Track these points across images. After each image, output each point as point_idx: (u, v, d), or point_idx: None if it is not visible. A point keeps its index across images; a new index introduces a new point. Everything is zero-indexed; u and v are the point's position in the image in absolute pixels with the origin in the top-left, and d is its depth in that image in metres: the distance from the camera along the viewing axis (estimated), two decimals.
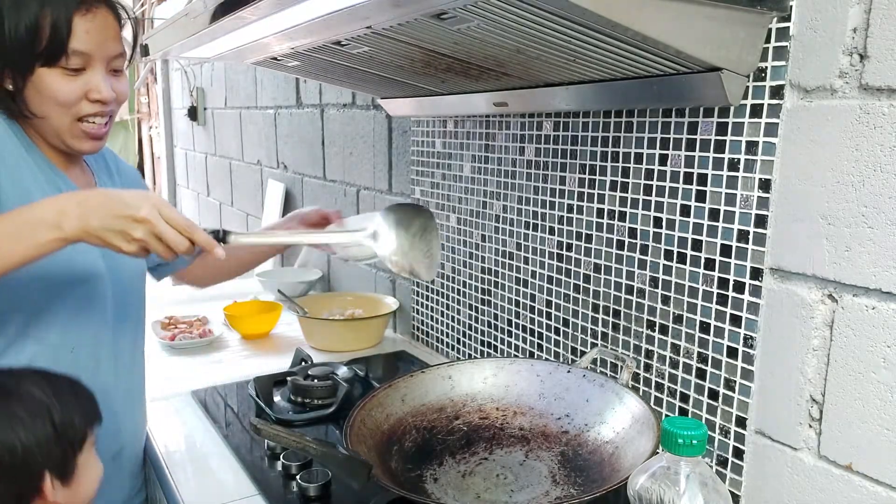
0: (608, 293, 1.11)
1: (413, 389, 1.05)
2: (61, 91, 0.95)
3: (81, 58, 0.95)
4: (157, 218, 0.83)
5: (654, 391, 1.05)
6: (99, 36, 0.96)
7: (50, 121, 0.97)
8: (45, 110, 0.97)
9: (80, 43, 0.94)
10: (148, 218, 0.82)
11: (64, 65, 0.94)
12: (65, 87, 0.95)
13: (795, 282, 0.84)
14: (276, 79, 2.36)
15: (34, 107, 0.96)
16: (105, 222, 0.82)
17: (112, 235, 0.83)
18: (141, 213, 0.82)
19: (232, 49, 1.17)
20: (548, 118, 1.20)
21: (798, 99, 0.82)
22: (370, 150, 1.82)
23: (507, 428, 1.05)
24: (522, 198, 1.28)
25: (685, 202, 0.96)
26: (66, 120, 0.97)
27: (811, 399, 0.84)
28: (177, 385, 1.42)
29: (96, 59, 0.97)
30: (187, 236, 0.85)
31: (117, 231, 0.83)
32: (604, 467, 0.91)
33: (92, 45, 0.95)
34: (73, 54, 0.94)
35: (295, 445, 0.83)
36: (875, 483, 0.78)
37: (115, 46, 0.99)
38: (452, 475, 0.96)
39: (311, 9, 0.83)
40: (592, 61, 0.87)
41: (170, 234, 0.84)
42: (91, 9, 0.95)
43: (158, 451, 1.16)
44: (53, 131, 0.99)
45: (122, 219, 0.82)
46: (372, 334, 1.68)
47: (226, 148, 3.01)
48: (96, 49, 0.96)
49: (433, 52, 0.96)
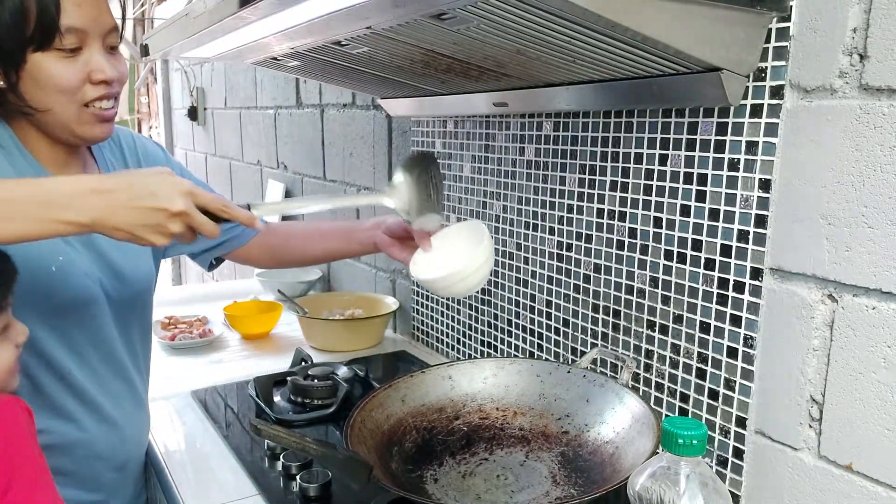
0: (608, 293, 1.11)
1: (413, 390, 1.05)
2: (62, 76, 0.88)
3: (76, 35, 0.88)
4: (193, 209, 0.79)
5: (654, 391, 1.05)
6: (92, 9, 0.89)
7: (54, 112, 0.90)
8: (47, 101, 0.89)
9: (73, 18, 0.87)
10: (185, 210, 0.78)
11: (59, 45, 0.87)
12: (64, 70, 0.88)
13: (795, 282, 0.84)
14: (276, 79, 2.36)
15: (35, 100, 0.89)
16: (136, 218, 0.76)
17: (145, 231, 0.77)
18: (176, 207, 0.77)
19: (232, 49, 1.17)
20: (548, 118, 1.20)
21: (798, 99, 0.82)
22: (370, 151, 1.82)
23: (507, 428, 1.05)
24: (522, 198, 1.28)
25: (685, 202, 0.96)
26: (72, 108, 0.91)
27: (811, 399, 0.84)
28: (177, 385, 1.42)
29: (92, 36, 0.89)
30: (225, 217, 0.82)
31: (152, 226, 0.77)
32: (604, 467, 0.91)
33: (86, 20, 0.88)
34: (67, 32, 0.87)
35: (295, 446, 0.83)
36: (875, 483, 0.78)
37: (109, 19, 0.92)
38: (453, 476, 0.96)
39: (311, 9, 0.83)
40: (592, 61, 0.86)
41: (206, 225, 0.80)
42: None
43: (158, 452, 1.16)
44: (60, 123, 0.92)
45: (157, 212, 0.77)
46: (372, 334, 1.68)
47: (226, 148, 3.01)
48: (91, 23, 0.89)
49: (433, 53, 0.96)
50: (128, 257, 1.04)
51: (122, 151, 1.10)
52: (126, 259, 1.03)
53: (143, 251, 1.08)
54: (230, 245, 1.23)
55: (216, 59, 1.31)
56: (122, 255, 1.02)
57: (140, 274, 1.06)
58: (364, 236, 1.17)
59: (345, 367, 1.42)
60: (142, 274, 1.07)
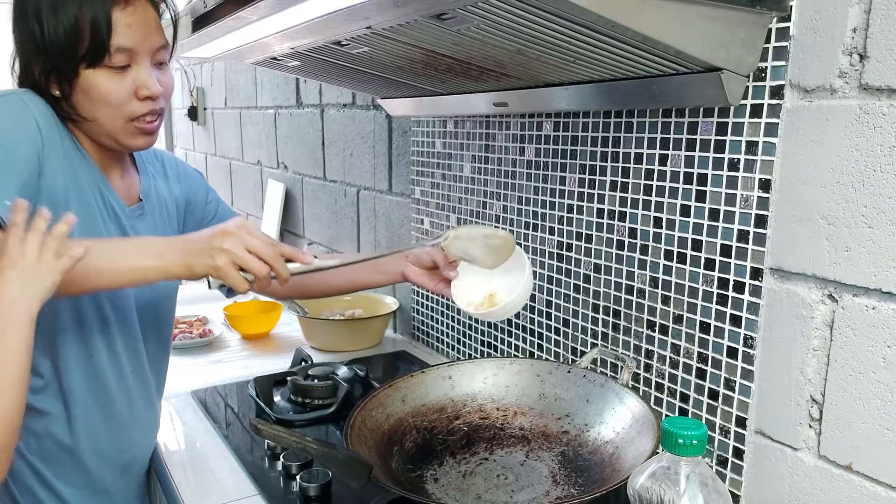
0: (608, 293, 1.11)
1: (413, 389, 1.05)
2: (111, 91, 0.92)
3: (126, 54, 0.92)
4: (239, 248, 0.85)
5: (654, 391, 1.05)
6: (141, 29, 0.92)
7: (101, 123, 0.95)
8: (95, 113, 0.94)
9: (123, 39, 0.91)
10: (229, 249, 0.85)
11: (108, 63, 0.91)
12: (113, 86, 0.92)
13: (795, 282, 0.84)
14: (276, 79, 2.36)
15: (84, 111, 0.94)
16: (198, 252, 0.86)
17: (200, 264, 0.86)
18: (226, 244, 0.85)
19: (232, 49, 1.17)
20: (548, 118, 1.20)
21: (798, 99, 0.82)
22: (370, 151, 1.82)
23: (507, 428, 1.05)
24: (522, 198, 1.28)
25: (685, 202, 0.96)
26: (118, 121, 0.95)
27: (811, 399, 0.84)
28: (177, 385, 1.42)
29: (141, 54, 0.93)
30: (269, 264, 0.88)
31: (205, 257, 0.85)
32: (604, 467, 0.91)
33: (135, 40, 0.92)
34: (117, 51, 0.91)
35: (295, 446, 0.83)
36: (875, 483, 0.78)
37: (158, 38, 0.96)
38: (453, 475, 0.96)
39: (311, 9, 0.83)
40: (592, 62, 0.87)
41: (249, 260, 0.86)
42: (130, 1, 0.91)
43: (159, 452, 1.16)
44: (105, 132, 0.96)
45: (210, 245, 0.86)
46: (372, 334, 1.68)
47: (226, 148, 3.01)
48: (140, 43, 0.93)
49: (433, 53, 0.96)
50: None
51: (163, 167, 1.16)
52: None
53: None
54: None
55: (216, 59, 1.31)
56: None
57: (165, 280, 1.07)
58: (390, 267, 1.17)
59: (345, 367, 1.42)
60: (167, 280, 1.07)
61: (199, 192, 1.20)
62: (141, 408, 1.08)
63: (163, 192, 1.12)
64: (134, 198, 1.06)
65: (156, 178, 1.13)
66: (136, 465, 1.10)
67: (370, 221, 1.87)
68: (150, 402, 1.11)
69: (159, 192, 1.12)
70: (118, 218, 1.01)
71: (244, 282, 0.87)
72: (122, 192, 1.04)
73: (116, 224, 1.01)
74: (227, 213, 1.23)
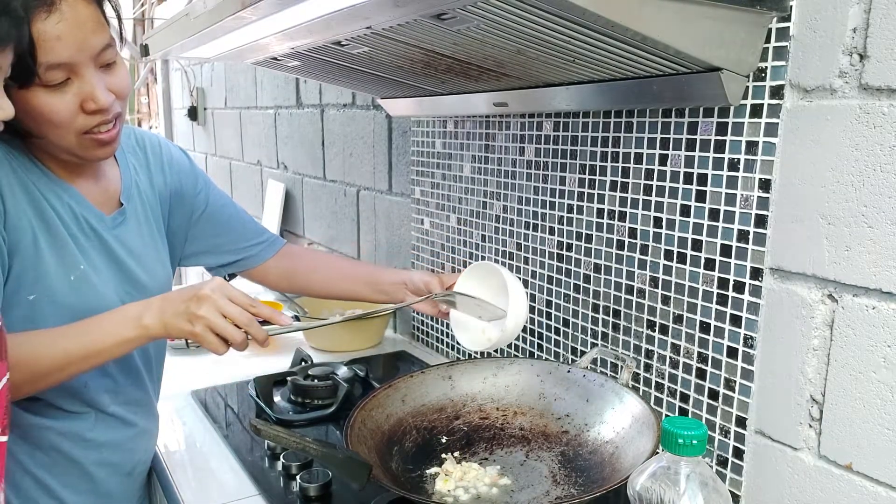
0: (608, 293, 1.11)
1: (413, 389, 1.06)
2: (52, 112, 0.83)
3: (61, 69, 0.80)
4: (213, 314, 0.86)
5: (654, 391, 1.05)
6: (75, 37, 0.80)
7: (52, 141, 0.88)
8: (42, 131, 0.86)
9: (54, 54, 0.78)
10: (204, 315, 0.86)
11: (42, 83, 0.80)
12: (54, 105, 0.82)
13: (795, 282, 0.84)
14: (276, 79, 2.36)
15: (32, 129, 0.86)
16: (175, 314, 0.87)
17: (176, 328, 0.87)
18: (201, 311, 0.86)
19: (232, 49, 1.17)
20: (548, 118, 1.20)
21: (798, 99, 0.82)
22: (370, 151, 1.82)
23: (507, 428, 1.05)
24: (522, 198, 1.28)
25: (685, 202, 0.96)
26: (70, 138, 0.87)
27: (811, 399, 0.84)
28: (177, 385, 1.42)
29: (81, 64, 0.82)
30: (244, 329, 0.89)
31: (182, 321, 0.87)
32: (604, 467, 0.91)
33: (70, 51, 0.80)
34: (49, 69, 0.79)
35: (295, 446, 0.83)
36: (875, 483, 0.78)
37: (99, 39, 0.83)
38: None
39: (311, 9, 0.83)
40: (592, 62, 0.87)
41: (225, 327, 0.87)
42: (54, 8, 0.77)
43: (159, 452, 1.16)
44: (61, 149, 0.90)
45: (187, 309, 0.87)
46: (372, 334, 1.68)
47: (226, 148, 3.01)
48: (76, 54, 0.81)
49: (433, 53, 0.96)
50: (144, 266, 1.04)
51: (145, 156, 1.10)
52: (142, 268, 1.03)
53: (159, 260, 1.09)
54: (245, 263, 1.24)
55: (216, 59, 1.31)
56: (138, 264, 1.02)
57: (156, 283, 1.06)
58: (391, 288, 1.19)
59: (345, 367, 1.42)
60: (158, 283, 1.06)
61: (186, 182, 1.14)
62: (141, 415, 1.07)
63: (145, 188, 1.07)
64: (114, 201, 1.01)
65: (137, 171, 1.07)
66: (139, 470, 1.10)
67: (370, 221, 1.87)
68: (149, 409, 1.11)
69: (141, 188, 1.06)
70: (97, 233, 0.97)
71: (221, 345, 0.89)
72: (99, 199, 0.98)
73: (98, 240, 0.97)
74: (218, 202, 1.19)
